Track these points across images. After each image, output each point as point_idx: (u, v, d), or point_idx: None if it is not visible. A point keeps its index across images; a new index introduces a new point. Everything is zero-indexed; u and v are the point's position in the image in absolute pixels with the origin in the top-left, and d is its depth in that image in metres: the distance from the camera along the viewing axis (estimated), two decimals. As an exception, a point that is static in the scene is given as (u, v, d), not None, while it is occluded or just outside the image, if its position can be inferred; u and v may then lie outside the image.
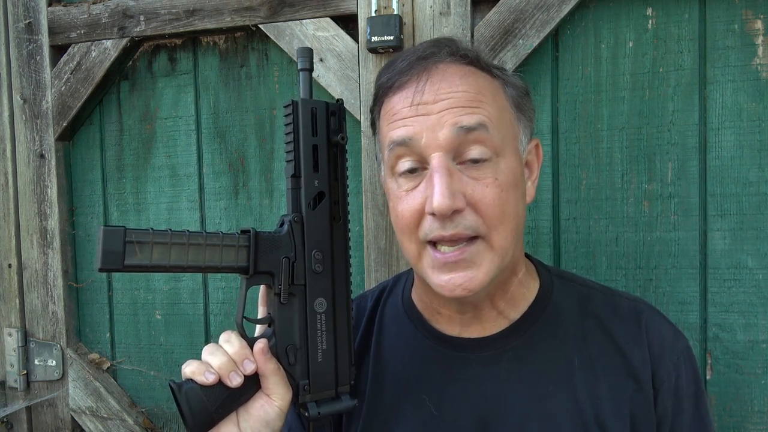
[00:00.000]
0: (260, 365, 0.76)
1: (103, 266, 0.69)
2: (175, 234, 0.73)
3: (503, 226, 0.79)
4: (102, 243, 0.68)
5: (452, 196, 0.76)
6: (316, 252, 0.80)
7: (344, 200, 0.84)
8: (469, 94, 0.80)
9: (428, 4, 1.20)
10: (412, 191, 0.81)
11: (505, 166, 0.80)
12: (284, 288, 0.78)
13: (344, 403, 0.82)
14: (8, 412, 1.50)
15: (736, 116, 1.12)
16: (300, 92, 0.82)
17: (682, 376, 0.86)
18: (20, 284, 1.51)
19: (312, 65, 0.83)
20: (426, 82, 0.80)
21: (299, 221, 0.80)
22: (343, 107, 0.84)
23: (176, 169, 1.45)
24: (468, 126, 0.78)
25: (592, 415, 0.83)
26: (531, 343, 0.87)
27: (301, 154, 0.80)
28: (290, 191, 0.80)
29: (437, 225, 0.77)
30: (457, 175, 0.78)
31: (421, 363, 0.91)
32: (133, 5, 1.39)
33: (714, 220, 1.14)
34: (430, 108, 0.79)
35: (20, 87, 1.48)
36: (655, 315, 0.90)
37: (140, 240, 0.71)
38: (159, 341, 1.49)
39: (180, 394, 0.73)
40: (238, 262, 0.76)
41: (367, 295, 1.03)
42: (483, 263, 0.79)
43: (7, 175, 1.50)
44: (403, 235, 0.83)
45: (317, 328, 0.81)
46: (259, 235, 0.77)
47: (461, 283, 0.78)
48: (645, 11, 1.15)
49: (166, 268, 0.73)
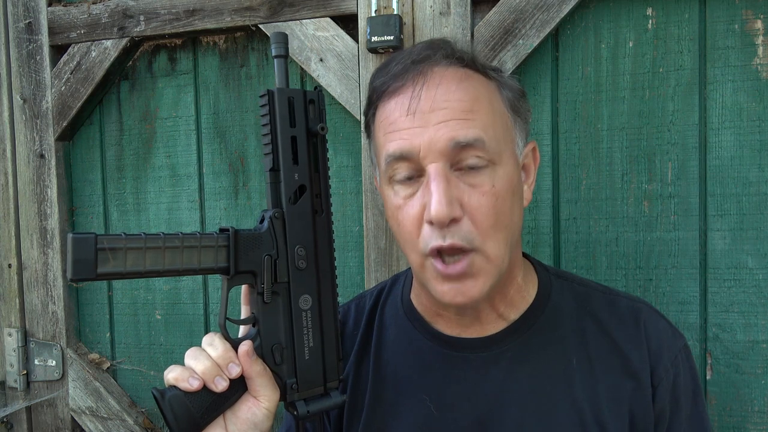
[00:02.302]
0: (246, 368, 0.74)
1: (75, 276, 0.66)
2: (150, 237, 0.70)
3: (497, 234, 0.79)
4: (71, 252, 0.65)
5: (450, 204, 0.75)
6: (299, 248, 0.78)
7: (326, 192, 0.81)
8: (464, 102, 0.79)
9: (428, 4, 1.20)
10: (410, 199, 0.80)
11: (503, 173, 0.80)
12: (267, 287, 0.76)
13: (333, 400, 0.81)
14: (8, 412, 1.50)
15: (736, 116, 1.12)
16: (276, 81, 0.78)
17: (680, 374, 0.86)
18: (20, 284, 1.51)
19: (287, 51, 0.79)
20: (422, 88, 0.79)
21: (280, 217, 0.77)
22: (322, 95, 0.80)
23: (176, 169, 1.45)
24: (464, 142, 0.77)
25: (591, 415, 0.83)
26: (530, 344, 0.87)
27: (279, 147, 0.77)
28: (269, 185, 0.77)
29: (436, 234, 0.77)
30: (454, 182, 0.78)
31: (420, 363, 0.91)
32: (133, 5, 1.39)
33: (714, 220, 1.14)
34: (427, 118, 0.78)
35: (20, 87, 1.48)
36: (653, 314, 0.90)
37: (113, 246, 0.67)
38: (159, 341, 1.49)
39: (163, 402, 0.72)
40: (218, 263, 0.74)
41: (366, 295, 1.03)
42: (480, 275, 0.79)
43: (7, 175, 1.50)
44: (406, 245, 0.83)
45: (303, 326, 0.79)
46: (238, 233, 0.74)
47: (462, 291, 0.79)
48: (645, 11, 1.15)
49: (142, 273, 0.70)
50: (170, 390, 0.73)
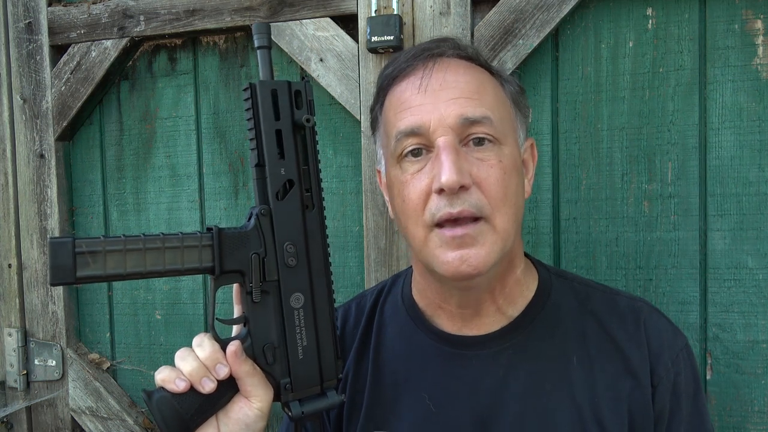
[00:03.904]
0: (234, 368, 0.73)
1: (54, 281, 0.66)
2: (130, 239, 0.69)
3: (506, 208, 0.80)
4: (50, 257, 0.66)
5: (459, 172, 0.77)
6: (288, 245, 0.76)
7: (317, 186, 0.78)
8: (472, 85, 0.82)
9: (428, 4, 1.20)
10: (418, 173, 0.81)
11: (509, 152, 0.83)
12: (255, 286, 0.74)
13: (330, 400, 0.79)
14: (8, 412, 1.50)
15: (736, 116, 1.12)
16: (260, 73, 0.76)
17: (681, 373, 0.86)
18: (20, 284, 1.51)
19: (270, 42, 0.77)
20: (433, 69, 0.83)
21: (267, 213, 0.75)
22: (309, 85, 0.78)
23: (176, 169, 1.45)
24: (473, 118, 0.80)
25: (590, 413, 0.83)
26: (530, 341, 0.88)
27: (263, 141, 0.74)
28: (256, 182, 0.75)
29: (444, 202, 0.78)
30: (463, 154, 0.80)
31: (420, 360, 0.91)
32: (133, 5, 1.39)
33: (714, 220, 1.14)
34: (437, 95, 0.81)
35: (20, 87, 1.48)
36: (654, 314, 0.90)
37: (92, 249, 0.67)
38: (159, 341, 1.49)
39: (151, 403, 0.71)
40: (202, 263, 0.72)
41: (367, 294, 1.03)
42: (486, 243, 0.79)
43: (7, 175, 1.50)
44: (409, 220, 0.83)
45: (295, 325, 0.77)
46: (222, 232, 0.73)
47: (466, 259, 0.78)
48: (645, 11, 1.15)
49: (123, 276, 0.69)
50: (158, 392, 0.72)
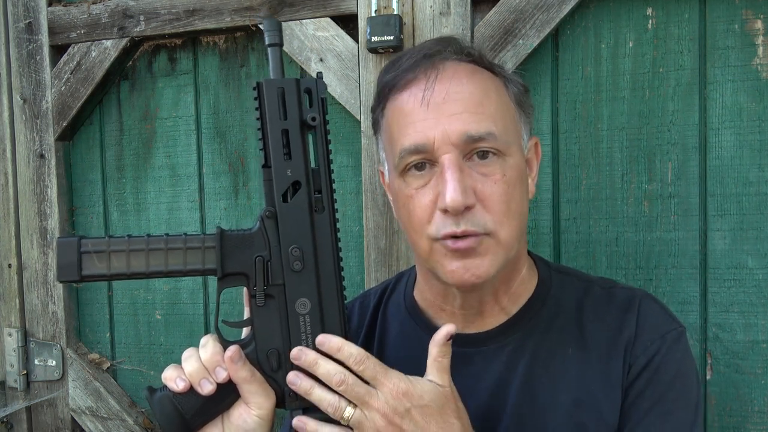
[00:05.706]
0: (231, 373, 0.73)
1: (60, 278, 0.69)
2: (134, 240, 0.71)
3: (509, 222, 0.80)
4: (57, 256, 0.68)
5: (464, 193, 0.76)
6: (294, 248, 0.73)
7: (329, 188, 0.75)
8: (476, 96, 0.81)
9: (428, 4, 1.20)
10: (422, 188, 0.81)
11: (513, 163, 0.82)
12: (259, 289, 0.73)
13: None
14: (8, 412, 1.50)
15: (736, 116, 1.12)
16: (270, 71, 0.74)
17: (659, 354, 0.84)
18: (20, 284, 1.51)
19: (281, 40, 0.75)
20: (435, 80, 0.81)
21: (272, 216, 0.73)
22: (321, 82, 0.75)
23: (176, 169, 1.45)
24: (477, 135, 0.79)
25: (589, 408, 0.84)
26: (529, 337, 0.88)
27: (269, 142, 0.73)
28: (264, 183, 0.74)
29: (450, 221, 0.78)
30: (467, 171, 0.79)
31: (422, 360, 0.91)
32: (133, 5, 1.39)
33: (714, 220, 1.14)
34: (440, 109, 0.79)
35: (20, 87, 1.48)
36: (651, 302, 0.90)
37: (97, 249, 0.69)
38: (159, 341, 1.49)
39: (152, 400, 0.72)
40: (205, 265, 0.73)
41: (370, 293, 1.03)
42: (488, 255, 0.79)
43: (7, 175, 1.50)
44: (415, 233, 0.83)
45: (301, 331, 0.74)
46: (224, 234, 0.72)
47: (470, 268, 0.79)
48: (645, 11, 1.15)
49: (127, 275, 0.71)
50: (162, 390, 0.73)
